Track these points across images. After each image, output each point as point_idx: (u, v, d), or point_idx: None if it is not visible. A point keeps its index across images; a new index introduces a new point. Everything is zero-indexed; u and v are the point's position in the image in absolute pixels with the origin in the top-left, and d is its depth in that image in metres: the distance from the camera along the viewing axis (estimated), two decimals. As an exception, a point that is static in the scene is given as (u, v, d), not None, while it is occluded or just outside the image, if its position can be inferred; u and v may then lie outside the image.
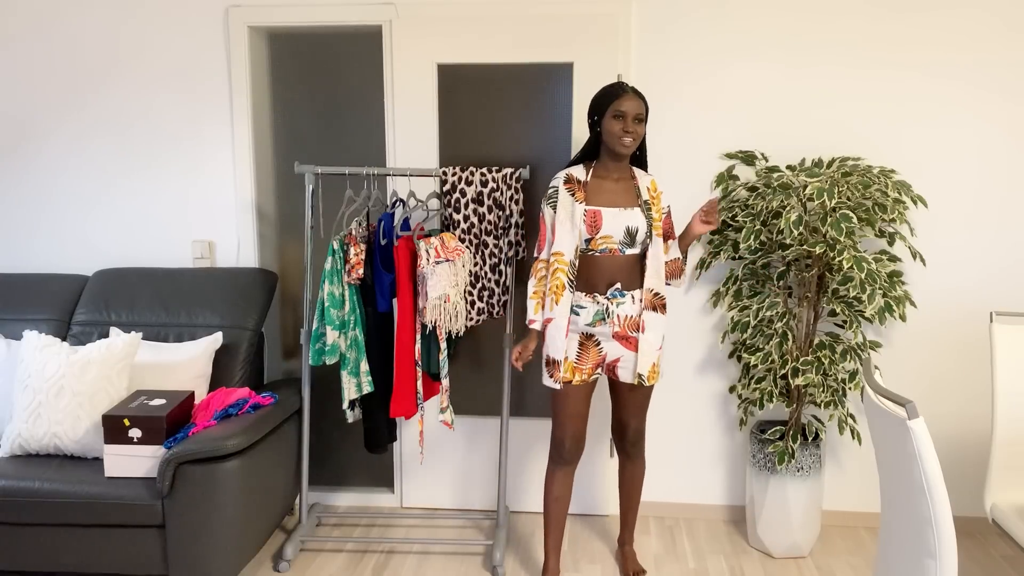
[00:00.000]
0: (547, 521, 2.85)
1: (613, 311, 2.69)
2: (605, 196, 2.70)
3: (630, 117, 2.61)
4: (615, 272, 2.69)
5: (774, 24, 3.16)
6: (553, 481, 2.82)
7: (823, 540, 3.30)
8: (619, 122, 2.62)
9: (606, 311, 2.69)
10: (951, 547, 1.65)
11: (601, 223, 2.66)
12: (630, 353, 2.73)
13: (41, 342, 2.89)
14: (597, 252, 2.68)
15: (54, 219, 3.52)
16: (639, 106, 2.62)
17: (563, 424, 2.77)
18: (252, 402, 2.92)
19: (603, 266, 2.69)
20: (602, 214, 2.67)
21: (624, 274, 2.70)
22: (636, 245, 2.69)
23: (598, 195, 2.70)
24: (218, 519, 2.63)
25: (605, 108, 2.64)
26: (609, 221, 2.66)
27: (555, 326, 2.69)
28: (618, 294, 2.69)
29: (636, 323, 2.71)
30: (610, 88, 2.66)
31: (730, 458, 3.44)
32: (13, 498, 2.62)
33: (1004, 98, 3.13)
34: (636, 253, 2.71)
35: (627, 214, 2.67)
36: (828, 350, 2.97)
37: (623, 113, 2.61)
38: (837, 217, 2.79)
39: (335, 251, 2.94)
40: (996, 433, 2.56)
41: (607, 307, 2.69)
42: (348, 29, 3.37)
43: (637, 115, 2.62)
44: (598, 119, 2.67)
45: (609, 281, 2.69)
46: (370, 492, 3.60)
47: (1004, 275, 3.23)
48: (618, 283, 2.69)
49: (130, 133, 3.43)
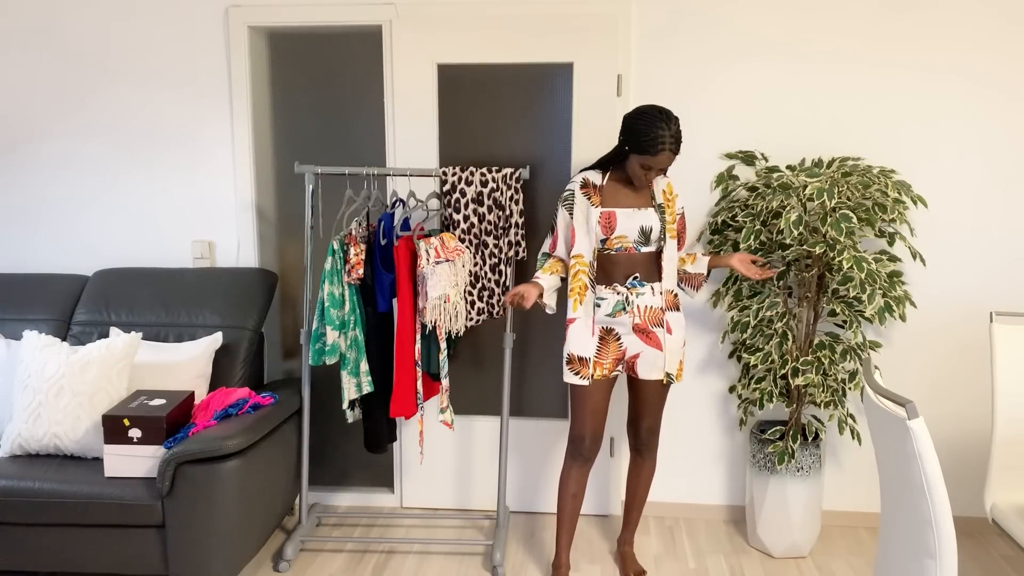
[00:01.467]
0: (561, 517, 2.86)
1: (633, 300, 2.72)
2: (619, 198, 2.75)
3: (657, 170, 2.64)
4: (633, 266, 2.74)
5: (774, 24, 3.16)
6: (570, 478, 2.83)
7: (823, 540, 3.30)
8: (645, 171, 2.65)
9: (626, 300, 2.72)
10: (951, 547, 1.65)
11: (615, 223, 2.71)
12: (650, 349, 2.75)
13: (41, 342, 2.89)
14: (613, 251, 2.73)
15: (55, 219, 3.52)
16: (670, 160, 2.63)
17: (583, 421, 2.78)
18: (252, 402, 2.92)
19: (620, 262, 2.74)
20: (616, 215, 2.71)
21: (642, 268, 2.75)
22: (651, 243, 2.73)
23: (613, 198, 2.75)
24: (218, 519, 2.63)
25: (639, 151, 2.60)
26: (623, 221, 2.71)
27: (580, 325, 2.74)
28: (637, 283, 2.72)
29: (658, 317, 2.74)
30: (653, 135, 2.56)
31: (730, 458, 3.44)
32: (13, 498, 2.62)
33: (1004, 98, 3.13)
34: (652, 251, 2.75)
35: (641, 214, 2.72)
36: (828, 350, 2.97)
37: (653, 167, 2.63)
38: (837, 217, 2.79)
39: (335, 251, 2.94)
40: (996, 433, 2.56)
41: (627, 296, 2.72)
42: (348, 29, 3.37)
43: (665, 169, 2.66)
44: (628, 149, 2.64)
45: (627, 273, 2.74)
46: (370, 492, 3.60)
47: (1004, 275, 3.22)
48: (636, 273, 2.74)
49: (130, 133, 3.43)
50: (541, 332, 3.46)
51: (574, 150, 3.28)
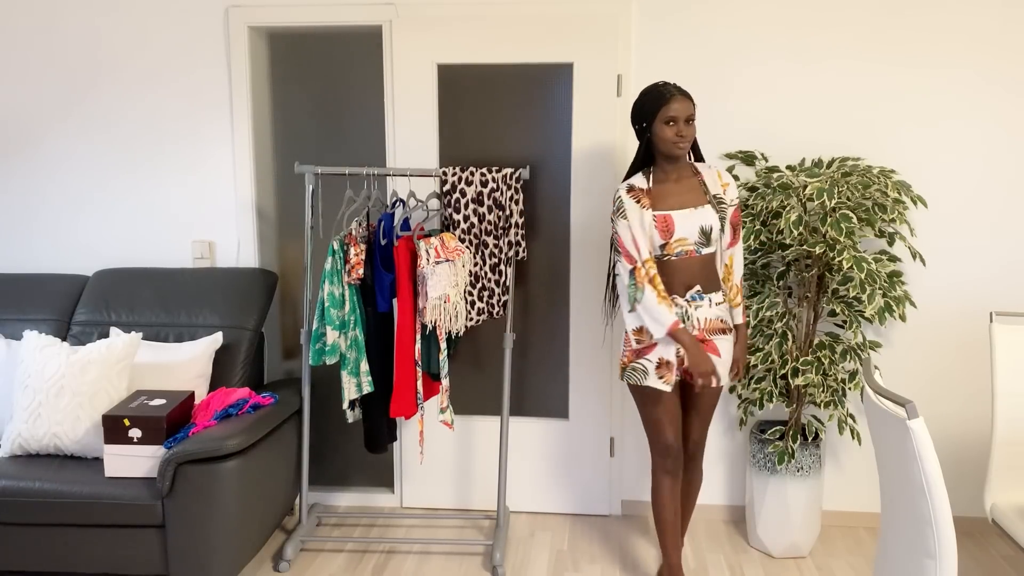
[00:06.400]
0: (663, 528, 2.77)
1: (692, 314, 2.64)
2: (672, 199, 2.63)
3: (681, 120, 2.54)
4: (693, 274, 2.64)
5: (774, 24, 3.16)
6: (662, 492, 2.74)
7: (823, 540, 3.30)
8: (672, 127, 2.55)
9: (685, 314, 2.64)
10: (951, 547, 1.65)
11: (674, 227, 2.60)
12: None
13: (41, 342, 2.89)
14: (673, 256, 2.63)
15: (55, 219, 3.52)
16: (688, 106, 2.55)
17: (666, 429, 2.69)
18: (252, 402, 2.92)
19: (680, 269, 2.63)
20: (673, 218, 2.61)
21: (702, 276, 2.65)
22: (712, 243, 2.64)
23: (664, 199, 2.63)
24: (218, 519, 2.63)
25: (654, 114, 2.56)
26: (681, 223, 2.60)
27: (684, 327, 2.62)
28: (697, 297, 2.64)
29: (717, 327, 2.66)
30: (655, 92, 2.57)
31: (730, 458, 3.44)
32: (13, 498, 2.62)
33: (1004, 98, 3.13)
34: (712, 252, 2.66)
35: (699, 213, 2.62)
36: (828, 350, 2.97)
37: (674, 118, 2.54)
38: (837, 217, 2.79)
39: (335, 251, 2.94)
40: (996, 433, 2.56)
41: (686, 310, 2.64)
42: (348, 29, 3.37)
43: (688, 116, 2.56)
44: (647, 125, 2.58)
45: (687, 284, 2.64)
46: (370, 492, 3.60)
47: (1004, 275, 3.22)
48: (697, 286, 2.64)
49: (130, 133, 3.43)
50: (541, 332, 3.46)
51: (574, 150, 3.28)
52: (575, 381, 3.42)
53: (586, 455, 3.46)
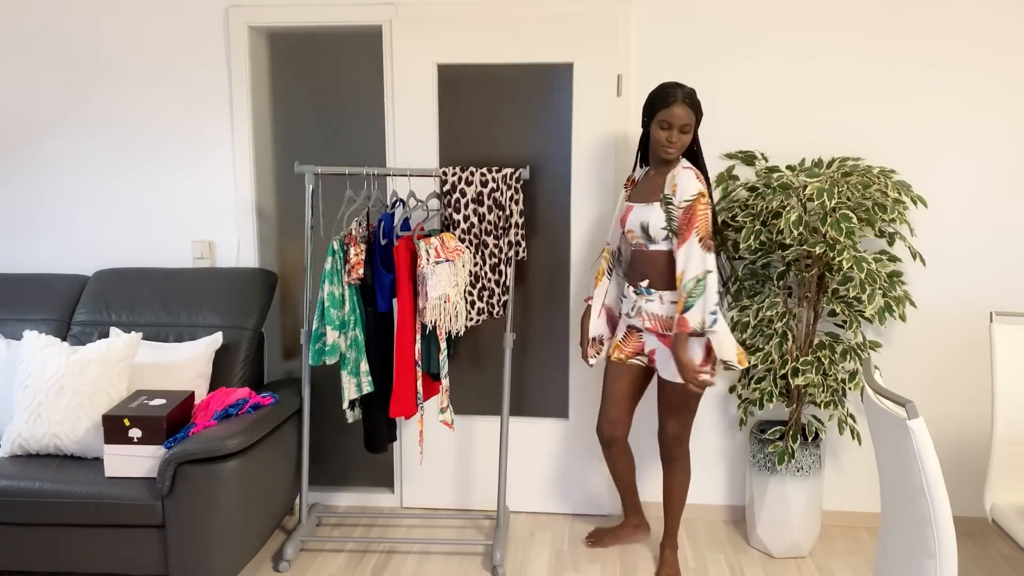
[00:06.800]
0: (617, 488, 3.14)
1: (642, 307, 2.77)
2: (639, 193, 2.79)
3: (676, 127, 2.63)
4: (645, 267, 2.76)
5: (774, 24, 3.16)
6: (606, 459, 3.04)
7: (823, 540, 3.30)
8: (664, 132, 2.65)
9: (635, 306, 2.79)
10: (951, 547, 1.65)
11: (627, 218, 2.78)
12: (665, 348, 2.76)
13: (41, 342, 2.89)
14: (632, 246, 2.83)
15: (55, 219, 3.52)
16: (687, 116, 2.62)
17: (602, 405, 2.95)
18: (252, 402, 2.92)
19: (637, 260, 2.80)
20: (631, 209, 2.77)
21: (654, 271, 2.74)
22: (656, 241, 2.71)
23: (638, 192, 2.81)
24: (218, 519, 2.63)
25: (654, 114, 2.66)
26: (632, 217, 2.76)
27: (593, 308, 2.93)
28: (644, 291, 2.75)
29: (669, 325, 2.74)
30: (662, 92, 2.66)
31: (730, 458, 3.44)
32: (13, 498, 2.62)
33: (1005, 97, 3.13)
34: (663, 249, 2.71)
35: (646, 210, 2.73)
36: (828, 350, 2.97)
37: (669, 123, 2.63)
38: (837, 217, 2.79)
39: (335, 251, 2.94)
40: (996, 433, 2.56)
41: (635, 302, 2.79)
42: (348, 29, 3.37)
43: (684, 126, 2.63)
44: (647, 121, 2.71)
45: (641, 276, 2.78)
46: (370, 492, 3.60)
47: (1004, 275, 3.22)
48: (647, 280, 2.75)
49: (130, 133, 3.43)
50: (541, 332, 3.46)
51: (574, 150, 3.28)
52: (575, 381, 3.43)
53: (586, 455, 3.46)
